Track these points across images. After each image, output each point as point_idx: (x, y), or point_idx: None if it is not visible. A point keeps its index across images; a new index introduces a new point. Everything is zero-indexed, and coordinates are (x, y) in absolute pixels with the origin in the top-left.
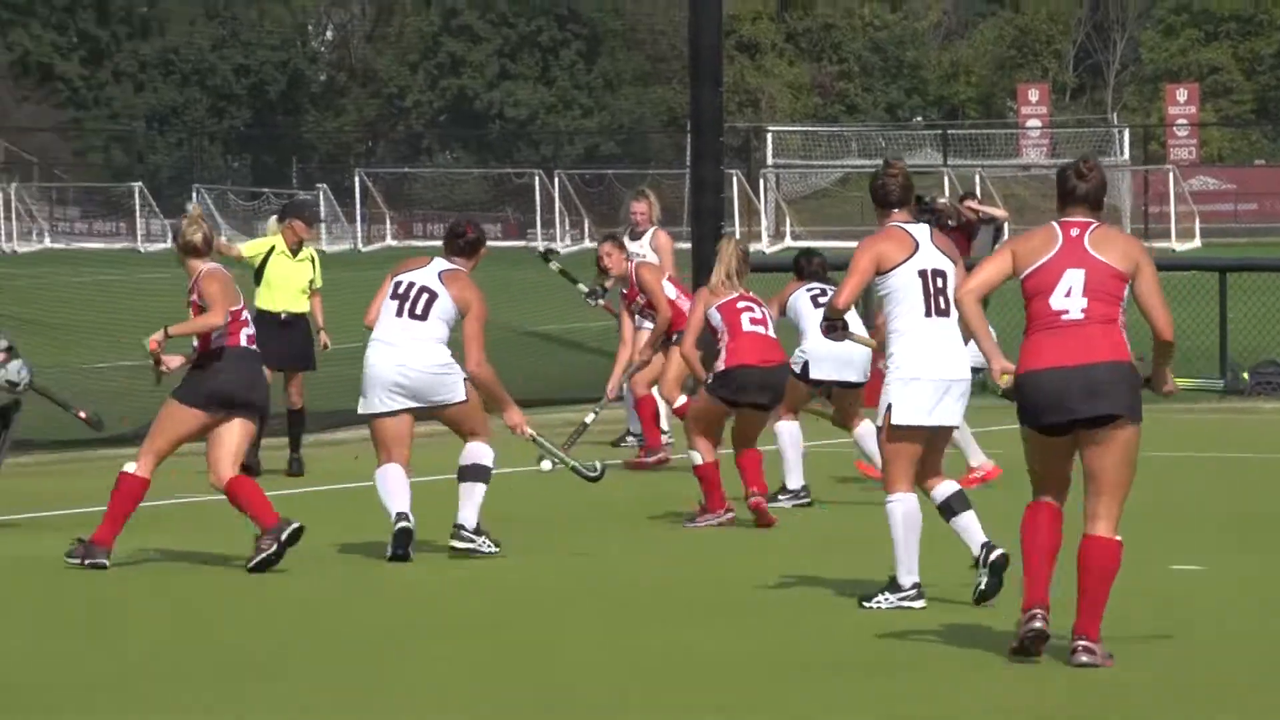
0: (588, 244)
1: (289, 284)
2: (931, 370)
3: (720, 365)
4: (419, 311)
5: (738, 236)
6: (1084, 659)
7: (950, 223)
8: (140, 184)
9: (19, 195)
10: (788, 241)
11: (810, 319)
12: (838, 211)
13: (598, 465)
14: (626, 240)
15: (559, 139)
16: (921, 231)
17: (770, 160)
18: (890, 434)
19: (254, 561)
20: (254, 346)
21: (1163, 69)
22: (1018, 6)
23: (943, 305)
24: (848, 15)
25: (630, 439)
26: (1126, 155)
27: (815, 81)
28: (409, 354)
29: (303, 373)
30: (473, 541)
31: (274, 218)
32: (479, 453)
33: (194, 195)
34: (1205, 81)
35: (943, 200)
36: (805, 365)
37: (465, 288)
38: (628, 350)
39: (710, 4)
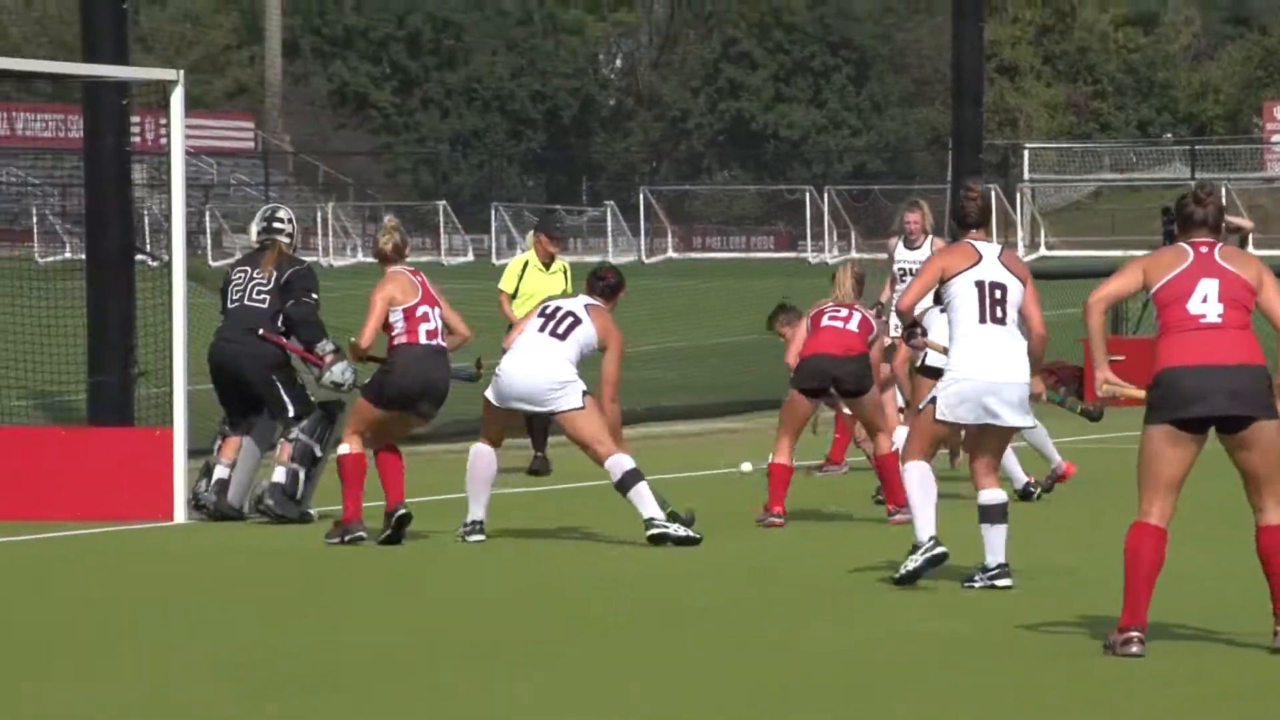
0: (854, 254)
1: (542, 296)
2: (979, 373)
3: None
4: (560, 332)
5: (855, 258)
6: None
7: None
8: (444, 202)
9: (335, 214)
10: (1042, 251)
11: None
12: (1091, 223)
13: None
14: (901, 249)
15: (829, 157)
16: (989, 249)
17: (1027, 175)
18: (925, 419)
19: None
20: (434, 341)
21: None
22: (1265, 28)
23: (999, 315)
24: (1102, 39)
25: None
26: None
27: (1070, 101)
28: (539, 364)
29: None
30: (666, 527)
31: (530, 233)
32: (617, 464)
33: (493, 212)
34: None
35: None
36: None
37: (609, 323)
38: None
39: (972, 30)
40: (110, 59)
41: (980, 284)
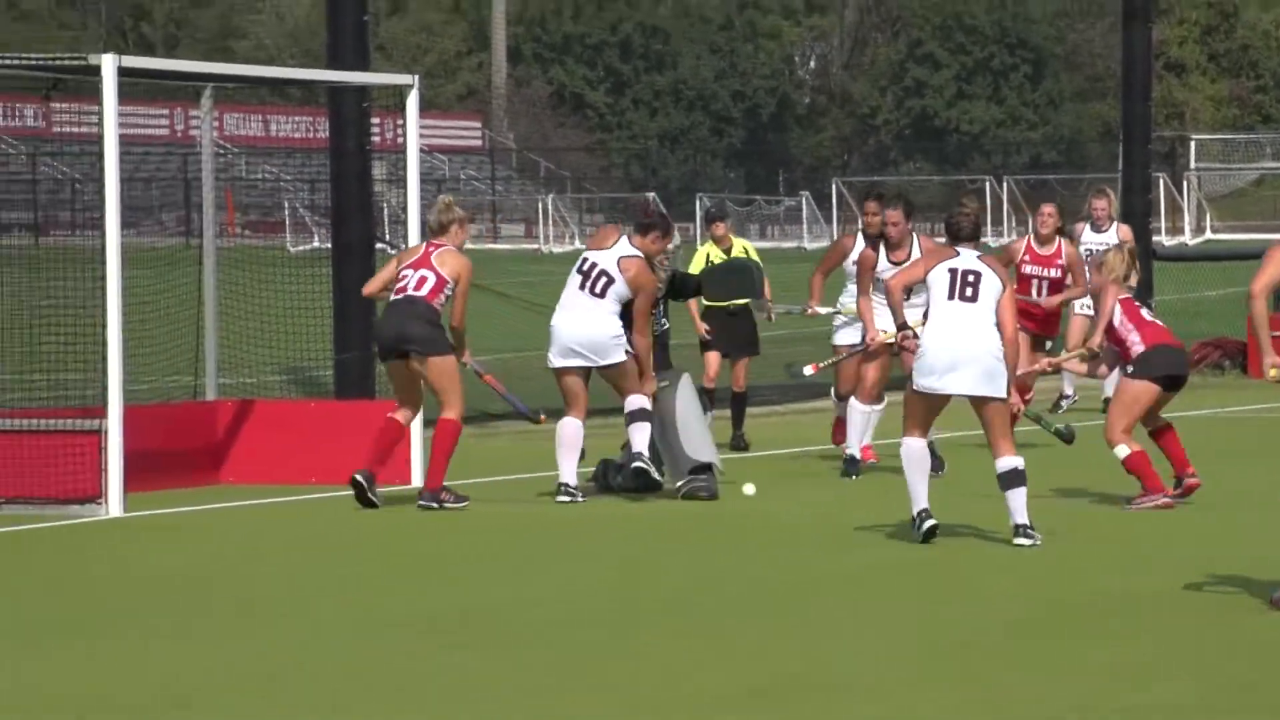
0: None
1: None
2: (944, 344)
3: (1139, 348)
4: (598, 290)
5: (1127, 241)
6: None
7: None
8: (653, 194)
9: (555, 205)
10: (1208, 235)
11: None
12: (1253, 208)
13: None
14: (1088, 232)
15: (1007, 149)
16: (970, 252)
17: (1193, 164)
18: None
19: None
20: (402, 296)
21: None
22: None
23: (968, 295)
24: (1264, 36)
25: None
26: None
27: (1234, 95)
28: (590, 320)
29: (748, 358)
30: (647, 466)
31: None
32: (637, 400)
33: (697, 202)
34: None
35: None
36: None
37: (639, 273)
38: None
39: (1141, 30)
40: (353, 66)
41: (953, 271)
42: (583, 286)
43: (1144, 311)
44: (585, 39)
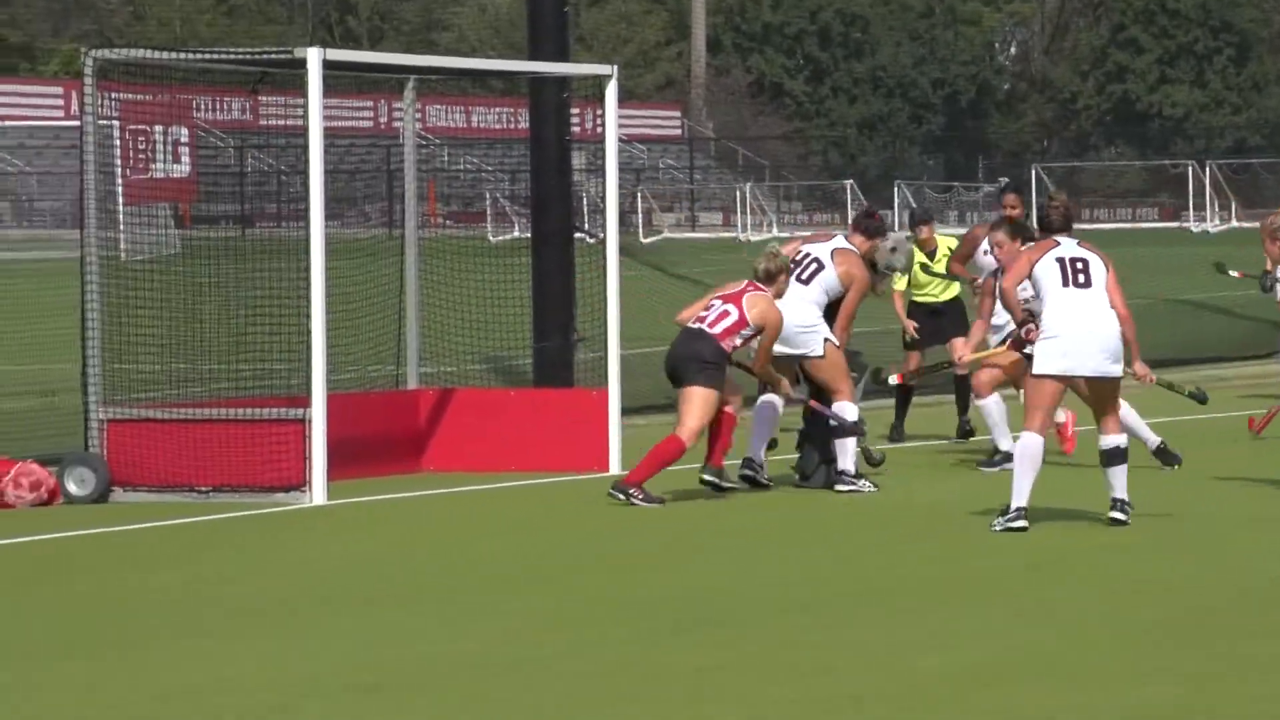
0: (1234, 224)
1: (935, 280)
2: (1068, 329)
3: None
4: (804, 277)
5: None
6: None
7: None
8: (851, 181)
9: (753, 193)
10: None
11: None
12: None
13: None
14: None
15: (1210, 134)
16: (1070, 240)
17: None
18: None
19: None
20: (697, 325)
21: None
22: None
23: (1080, 280)
24: None
25: None
26: None
27: None
28: (789, 309)
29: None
30: (854, 483)
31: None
32: (844, 409)
33: (895, 189)
34: None
35: None
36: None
37: (853, 266)
38: None
39: None
40: (553, 56)
41: (1061, 260)
42: (793, 275)
43: None
44: (784, 28)
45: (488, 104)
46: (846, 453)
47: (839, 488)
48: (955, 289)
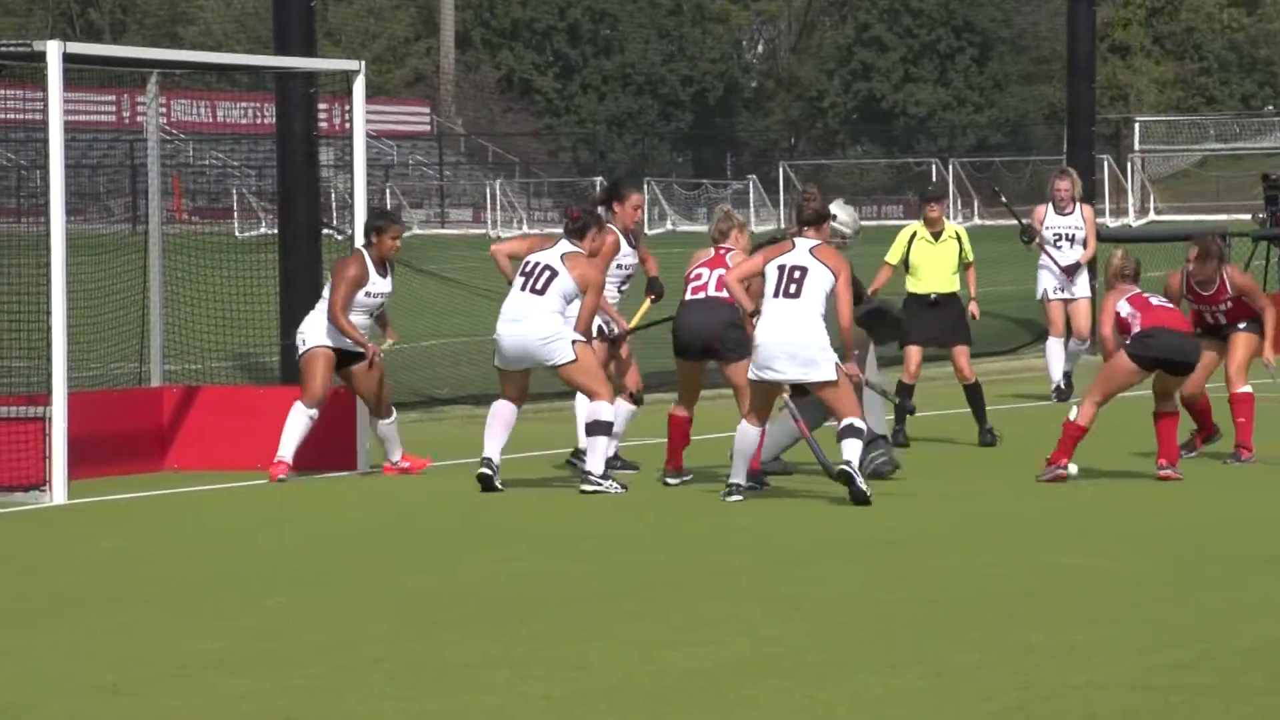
0: (977, 221)
1: (934, 267)
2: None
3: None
4: (539, 288)
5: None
6: None
7: None
8: (601, 178)
9: (503, 190)
10: (1152, 215)
11: None
12: (1197, 189)
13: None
14: (1051, 214)
15: (953, 132)
16: (805, 243)
17: (1137, 146)
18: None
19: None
20: (704, 295)
21: None
22: None
23: (791, 291)
24: (1208, 19)
25: None
26: None
27: (1178, 77)
28: (525, 324)
29: (964, 346)
30: (599, 484)
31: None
32: (597, 409)
33: (645, 187)
34: None
35: None
36: None
37: (585, 269)
38: None
39: (1085, 13)
40: (299, 51)
41: (781, 267)
42: (524, 287)
43: (1154, 299)
44: (533, 24)
45: (233, 99)
46: (596, 452)
47: (584, 488)
48: (956, 281)
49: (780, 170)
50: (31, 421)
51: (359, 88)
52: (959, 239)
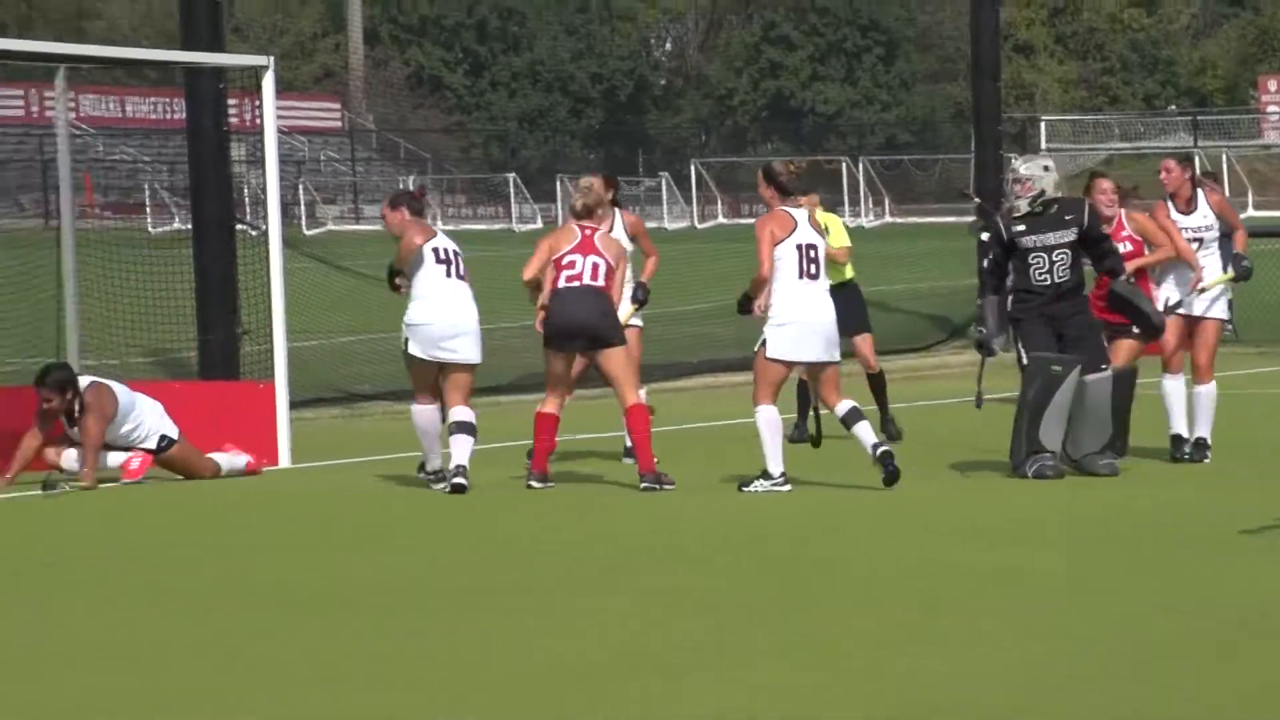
0: (888, 219)
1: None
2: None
3: None
4: (463, 273)
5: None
6: None
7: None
8: (514, 175)
9: (415, 186)
10: None
11: None
12: None
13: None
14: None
15: (862, 130)
16: (802, 214)
17: (1044, 144)
18: (761, 362)
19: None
20: (578, 284)
21: None
22: (1258, 9)
23: (813, 271)
24: (1110, 20)
25: None
26: None
27: (1082, 77)
28: (467, 308)
29: (866, 335)
30: (429, 476)
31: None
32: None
33: (558, 183)
34: None
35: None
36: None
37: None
38: None
39: (989, 13)
40: (207, 46)
41: (799, 247)
42: (450, 274)
43: None
44: (442, 20)
45: (142, 94)
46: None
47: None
48: (846, 272)
49: (692, 167)
50: None
51: (269, 83)
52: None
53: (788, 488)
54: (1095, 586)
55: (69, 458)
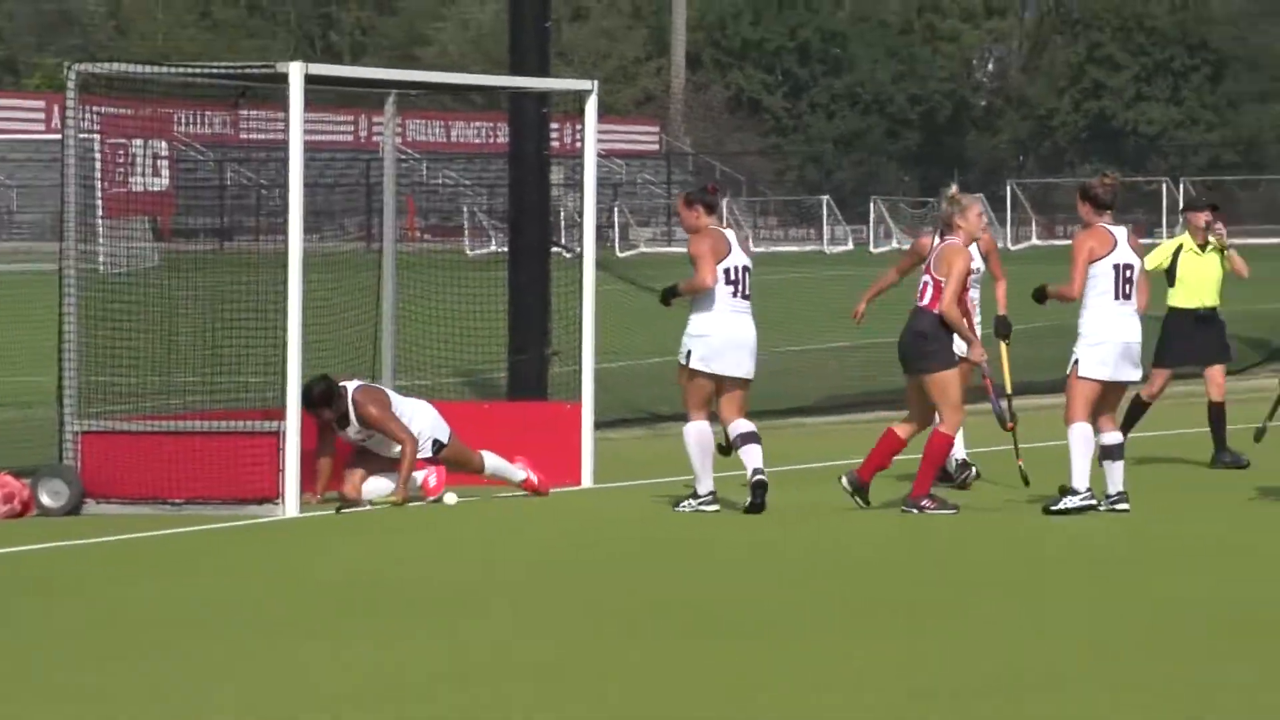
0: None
1: (1200, 280)
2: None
3: None
4: (748, 293)
5: None
6: None
7: None
8: (828, 196)
9: (729, 207)
10: None
11: None
12: None
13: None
14: None
15: (1185, 151)
16: (1121, 232)
17: None
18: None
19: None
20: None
21: None
22: None
23: (1128, 292)
24: None
25: None
26: None
27: None
28: (750, 327)
29: (1225, 364)
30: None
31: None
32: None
33: (871, 205)
34: None
35: None
36: None
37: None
38: None
39: None
40: (534, 72)
41: (1116, 266)
42: (736, 294)
43: None
44: (763, 44)
45: (467, 119)
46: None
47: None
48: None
49: (1008, 188)
50: (266, 436)
51: (591, 107)
52: (1221, 253)
53: (1093, 501)
54: None
55: (371, 490)
